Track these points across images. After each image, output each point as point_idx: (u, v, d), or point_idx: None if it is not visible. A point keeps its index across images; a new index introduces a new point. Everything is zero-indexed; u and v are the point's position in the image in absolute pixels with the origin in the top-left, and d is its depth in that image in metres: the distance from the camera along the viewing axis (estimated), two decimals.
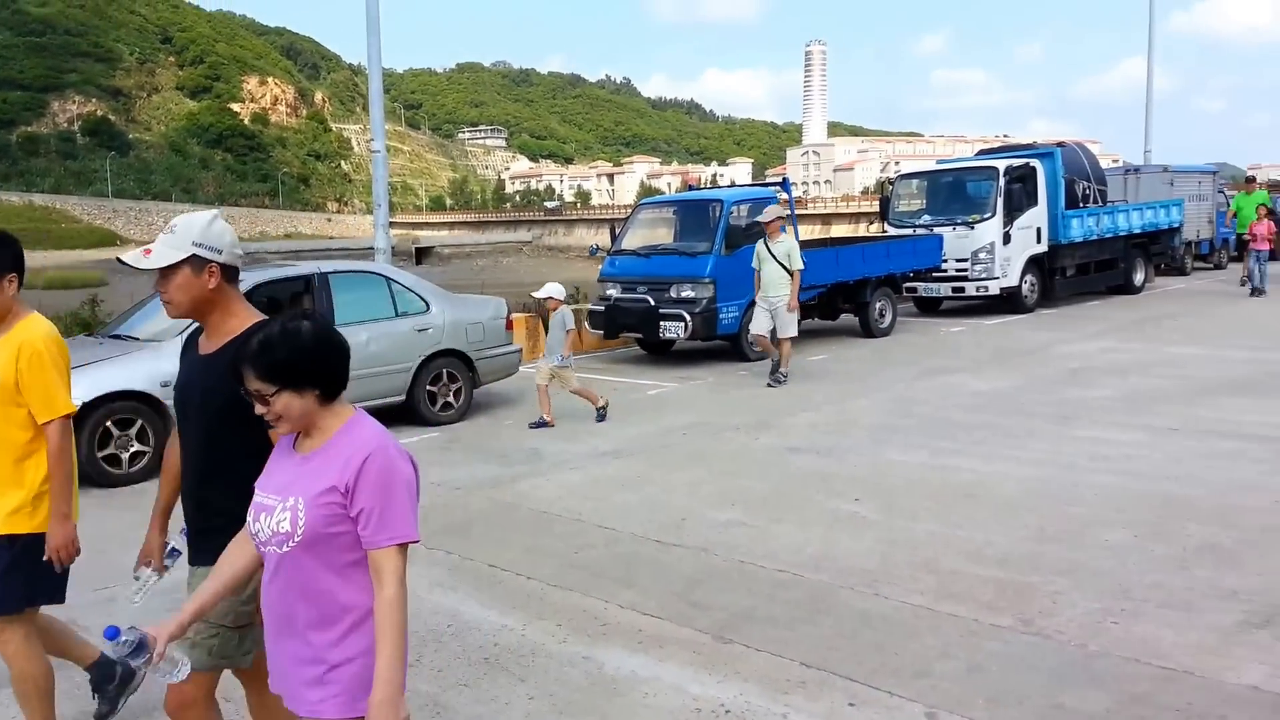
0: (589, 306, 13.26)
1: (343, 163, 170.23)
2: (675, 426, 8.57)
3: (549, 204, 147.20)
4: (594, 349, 13.49)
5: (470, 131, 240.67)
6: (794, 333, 10.48)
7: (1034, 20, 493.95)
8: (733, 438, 8.06)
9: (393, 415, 8.92)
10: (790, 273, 10.32)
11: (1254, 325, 13.13)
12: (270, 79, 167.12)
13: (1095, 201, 17.11)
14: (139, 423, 7.30)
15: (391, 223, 12.77)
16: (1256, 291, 16.38)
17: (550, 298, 9.01)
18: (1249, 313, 14.50)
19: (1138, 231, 17.57)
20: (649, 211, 14.10)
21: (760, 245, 10.56)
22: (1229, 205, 19.20)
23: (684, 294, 11.65)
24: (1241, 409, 8.14)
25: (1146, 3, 26.10)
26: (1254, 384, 9.13)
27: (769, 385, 10.16)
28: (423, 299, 9.18)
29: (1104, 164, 21.00)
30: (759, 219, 10.95)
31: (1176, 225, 18.84)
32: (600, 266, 13.27)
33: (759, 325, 10.55)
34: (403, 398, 8.89)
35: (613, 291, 12.44)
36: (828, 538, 5.44)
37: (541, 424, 8.75)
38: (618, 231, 13.24)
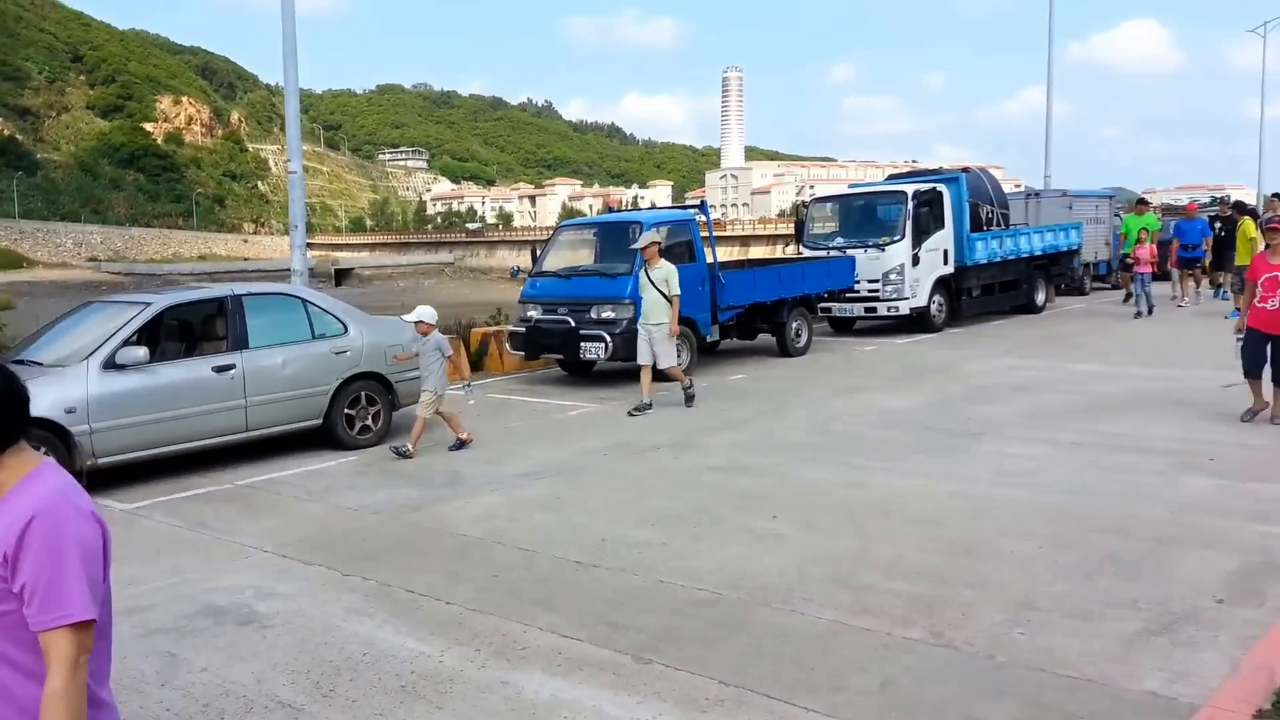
0: (510, 328, 13.23)
1: (259, 183, 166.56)
2: (596, 447, 8.59)
3: (471, 225, 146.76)
4: (515, 370, 13.44)
5: (391, 153, 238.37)
6: (673, 361, 10.28)
7: (938, 51, 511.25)
8: (653, 457, 8.10)
9: (310, 439, 8.77)
10: (669, 299, 10.12)
11: (1149, 343, 13.71)
12: (185, 98, 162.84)
13: (998, 224, 17.71)
14: (42, 450, 7.02)
15: (310, 244, 12.60)
16: (1141, 314, 16.58)
17: (420, 321, 8.66)
18: (1143, 332, 15.13)
19: (1039, 253, 18.22)
20: (569, 233, 14.14)
21: (641, 272, 10.38)
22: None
23: (604, 315, 11.69)
24: (1139, 423, 8.49)
25: (1045, 34, 27.68)
26: (1149, 399, 9.53)
27: (630, 414, 9.90)
28: (340, 321, 9.04)
29: (1007, 188, 21.80)
30: (635, 246, 10.77)
31: (1075, 247, 19.60)
32: (521, 288, 13.25)
33: (642, 355, 10.29)
34: (320, 421, 8.72)
35: (533, 313, 12.43)
36: (746, 555, 5.51)
37: (459, 445, 8.68)
38: (538, 253, 13.26)
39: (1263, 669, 3.84)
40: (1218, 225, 18.34)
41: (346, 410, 8.87)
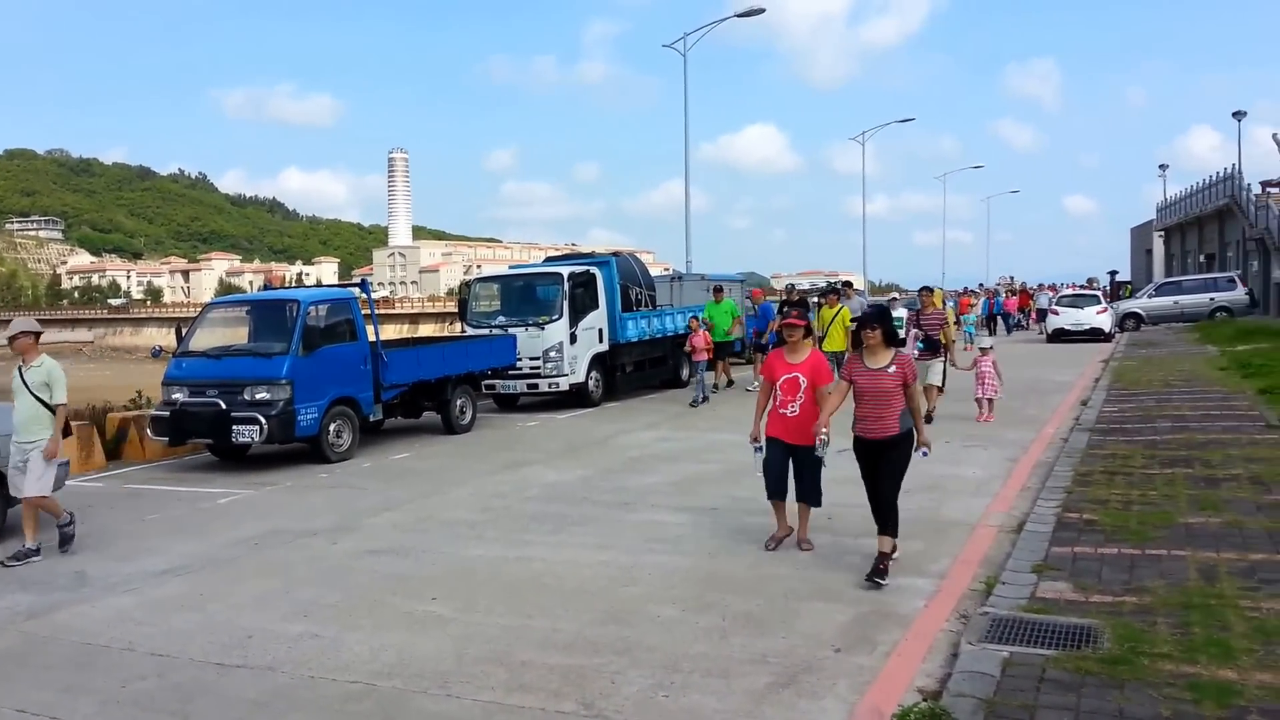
0: (152, 412, 12.13)
1: None
2: (247, 536, 8.06)
3: (114, 301, 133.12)
4: (160, 457, 12.35)
5: (20, 221, 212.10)
6: (47, 490, 7.70)
7: (590, 142, 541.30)
8: (309, 544, 7.74)
9: None
10: (51, 409, 7.68)
11: None
12: None
13: (646, 305, 18.90)
14: None
15: None
16: (697, 402, 16.22)
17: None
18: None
19: (683, 332, 19.64)
20: (220, 311, 13.34)
21: (15, 373, 7.79)
22: (754, 309, 20.53)
23: (259, 396, 11.09)
24: None
25: (682, 135, 30.96)
26: None
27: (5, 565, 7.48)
28: None
29: (656, 272, 23.41)
30: (5, 335, 8.64)
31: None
32: (165, 369, 12.25)
33: (16, 485, 7.79)
34: None
35: (179, 395, 11.49)
36: (404, 641, 5.40)
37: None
38: (184, 332, 12.35)
39: (874, 711, 4.32)
40: (784, 309, 19.56)
41: None
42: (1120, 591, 5.52)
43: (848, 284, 19.89)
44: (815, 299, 20.77)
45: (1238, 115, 48.53)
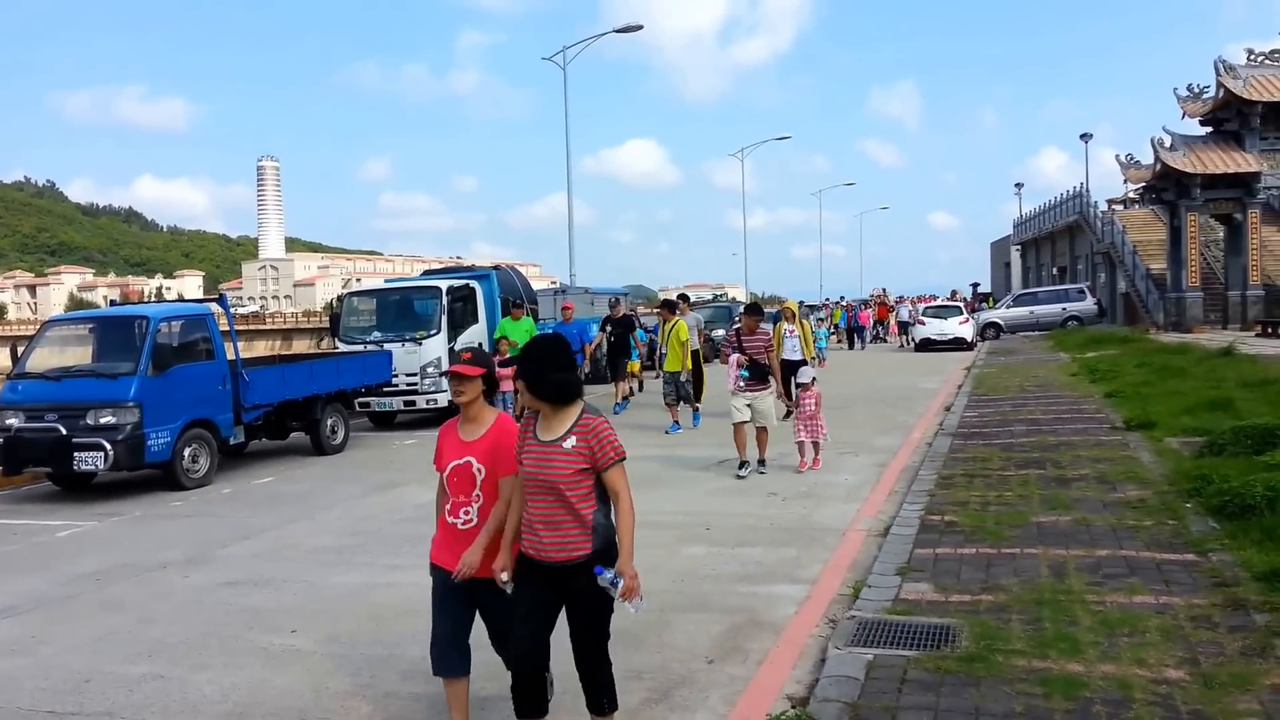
0: None
1: None
2: (89, 572, 7.55)
3: None
4: None
5: None
6: None
7: (466, 155, 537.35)
8: (158, 578, 7.30)
9: None
10: None
11: (661, 425, 15.05)
12: None
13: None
14: None
15: None
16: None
17: None
18: (645, 418, 16.47)
19: (588, 341, 19.52)
20: (60, 329, 12.53)
21: None
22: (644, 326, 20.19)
23: (104, 420, 10.45)
24: (651, 500, 9.24)
25: (563, 148, 31.00)
26: (657, 478, 10.49)
27: None
28: None
29: (543, 285, 23.32)
30: None
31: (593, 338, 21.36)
32: None
33: None
34: None
35: (14, 421, 10.73)
36: (258, 679, 5.12)
37: None
38: (19, 352, 11.55)
39: None
40: (608, 329, 16.95)
41: None
42: (978, 591, 5.69)
43: (683, 297, 17.60)
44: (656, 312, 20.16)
45: (1085, 138, 51.58)
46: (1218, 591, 5.41)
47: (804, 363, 13.21)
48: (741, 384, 10.45)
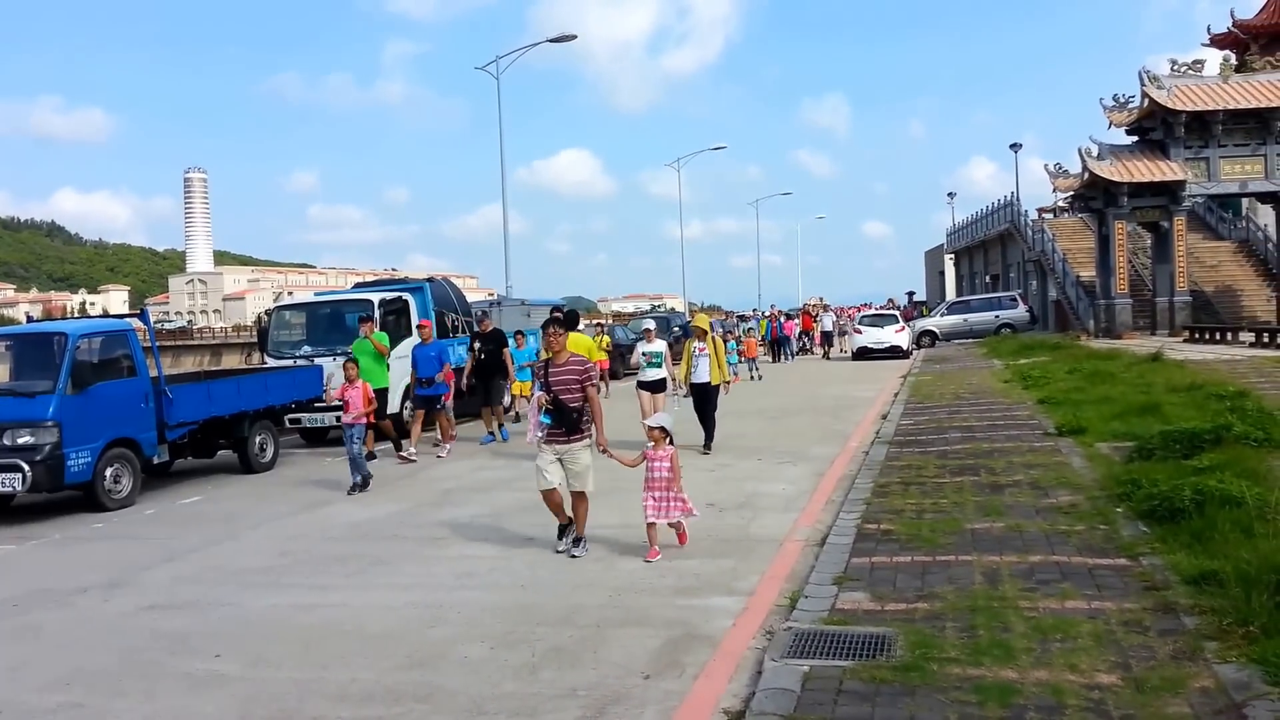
0: None
1: None
2: (4, 597, 7.22)
3: None
4: None
5: None
6: None
7: (396, 166, 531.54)
8: (76, 603, 7.02)
9: None
10: None
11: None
12: None
13: (463, 331, 18.53)
14: None
15: None
16: (356, 488, 10.99)
17: None
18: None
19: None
20: None
21: None
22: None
23: (21, 440, 10.06)
24: (591, 514, 9.17)
25: (497, 159, 30.94)
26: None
27: None
28: None
29: (480, 297, 23.08)
30: None
31: (538, 351, 21.23)
32: None
33: None
34: None
35: None
36: (180, 706, 4.93)
37: None
38: None
39: None
40: (476, 347, 15.45)
41: None
42: (913, 599, 5.71)
43: (572, 312, 16.08)
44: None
45: (1014, 147, 52.68)
46: (1148, 595, 5.50)
47: (710, 386, 12.43)
48: (542, 434, 7.65)
